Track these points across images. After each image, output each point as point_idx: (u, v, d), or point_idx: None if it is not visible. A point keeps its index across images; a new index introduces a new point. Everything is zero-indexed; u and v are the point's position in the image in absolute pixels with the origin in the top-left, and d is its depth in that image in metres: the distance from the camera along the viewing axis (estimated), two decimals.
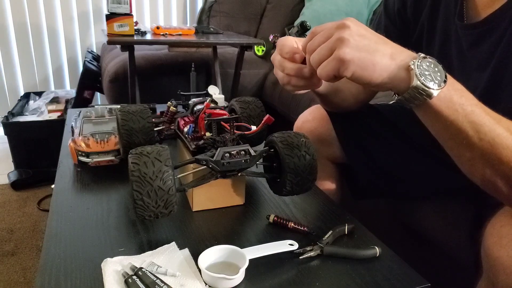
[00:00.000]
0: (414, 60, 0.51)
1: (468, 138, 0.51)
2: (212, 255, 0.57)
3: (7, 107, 2.35)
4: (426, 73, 0.50)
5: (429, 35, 0.78)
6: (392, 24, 0.83)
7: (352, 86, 0.81)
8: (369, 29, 0.53)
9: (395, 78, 0.51)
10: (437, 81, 0.50)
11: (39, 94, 2.22)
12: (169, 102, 0.84)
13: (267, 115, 0.73)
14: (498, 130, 0.50)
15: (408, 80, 0.51)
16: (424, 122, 0.55)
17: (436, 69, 0.51)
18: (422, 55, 0.51)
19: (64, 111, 2.02)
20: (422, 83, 0.49)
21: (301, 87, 0.64)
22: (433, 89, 0.50)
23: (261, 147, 0.79)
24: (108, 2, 1.47)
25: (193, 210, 0.72)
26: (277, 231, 0.67)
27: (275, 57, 0.63)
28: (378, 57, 0.51)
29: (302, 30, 1.77)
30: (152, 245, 0.61)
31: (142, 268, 0.53)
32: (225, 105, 0.87)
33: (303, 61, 0.59)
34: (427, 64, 0.51)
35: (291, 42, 0.61)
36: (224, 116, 0.71)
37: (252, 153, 0.64)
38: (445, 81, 0.50)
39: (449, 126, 0.51)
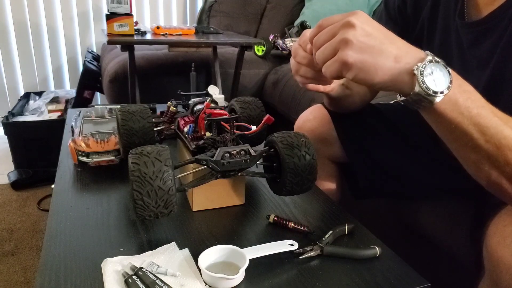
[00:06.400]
0: (419, 64, 0.49)
1: (473, 140, 0.51)
2: (212, 255, 0.57)
3: (7, 107, 2.35)
4: (430, 78, 0.49)
5: (429, 33, 0.77)
6: (392, 21, 0.83)
7: (361, 89, 0.81)
8: (377, 25, 0.52)
9: (398, 82, 0.51)
10: (441, 86, 0.49)
11: (39, 94, 2.21)
12: (169, 102, 0.84)
13: (267, 115, 0.73)
14: (505, 132, 0.49)
15: (411, 84, 0.50)
16: (429, 123, 0.55)
17: (442, 73, 0.50)
18: (429, 57, 0.50)
19: (64, 111, 2.02)
20: (425, 90, 0.49)
21: (310, 79, 0.63)
22: (436, 95, 0.49)
23: (261, 147, 0.79)
24: (108, 2, 1.47)
25: (193, 210, 0.72)
26: (277, 231, 0.67)
27: (294, 45, 0.63)
28: (382, 60, 0.50)
29: (302, 30, 1.77)
30: (152, 245, 0.61)
31: (142, 268, 0.53)
32: (225, 105, 0.87)
33: None
34: (432, 68, 0.49)
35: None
36: (224, 116, 0.71)
37: (252, 153, 0.64)
38: (449, 87, 0.49)
39: (454, 128, 0.51)
